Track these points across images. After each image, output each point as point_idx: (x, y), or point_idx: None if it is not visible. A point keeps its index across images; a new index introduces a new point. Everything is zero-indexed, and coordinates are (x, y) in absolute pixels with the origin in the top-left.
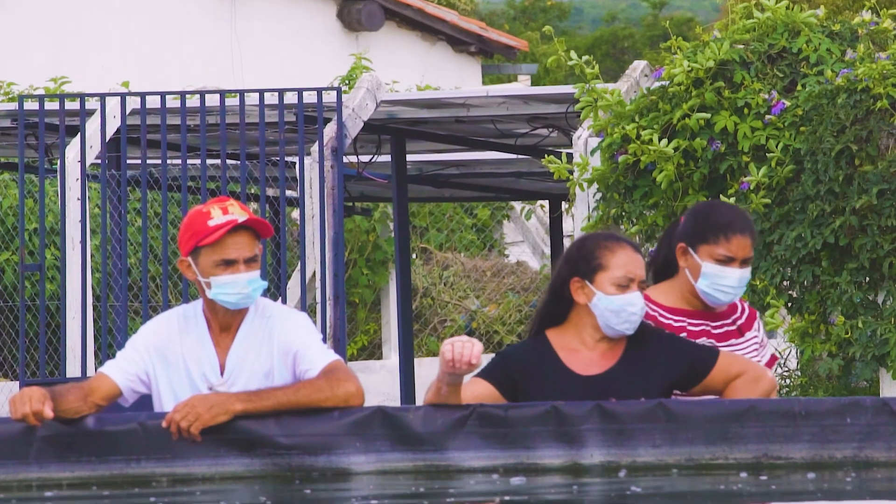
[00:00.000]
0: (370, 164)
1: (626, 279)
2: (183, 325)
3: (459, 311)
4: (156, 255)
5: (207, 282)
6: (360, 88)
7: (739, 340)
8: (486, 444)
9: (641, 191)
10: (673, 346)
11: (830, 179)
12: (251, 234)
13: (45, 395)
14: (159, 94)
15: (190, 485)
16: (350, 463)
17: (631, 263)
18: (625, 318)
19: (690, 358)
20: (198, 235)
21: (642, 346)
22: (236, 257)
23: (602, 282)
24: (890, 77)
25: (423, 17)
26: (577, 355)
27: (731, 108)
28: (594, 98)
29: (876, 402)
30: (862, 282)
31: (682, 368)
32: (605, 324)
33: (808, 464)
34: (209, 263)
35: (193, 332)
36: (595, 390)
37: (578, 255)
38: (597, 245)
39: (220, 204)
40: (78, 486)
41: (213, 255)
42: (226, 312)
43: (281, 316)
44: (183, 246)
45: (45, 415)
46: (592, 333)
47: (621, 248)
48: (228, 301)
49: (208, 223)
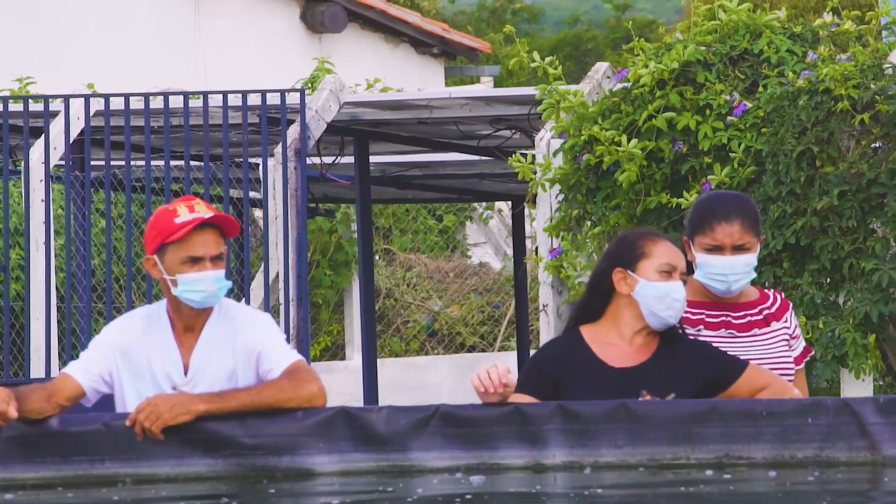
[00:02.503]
0: (333, 165)
1: (669, 266)
2: (146, 325)
3: (422, 312)
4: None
5: (173, 279)
6: (323, 90)
7: (764, 330)
8: (448, 445)
9: (604, 192)
10: (703, 351)
11: (792, 181)
12: (217, 231)
13: (9, 395)
14: (123, 96)
15: (154, 485)
16: (313, 463)
17: (673, 253)
18: (668, 305)
19: (718, 366)
20: (164, 233)
21: (674, 347)
22: (203, 254)
23: (645, 269)
24: (851, 79)
25: (386, 18)
26: (611, 349)
27: (693, 109)
28: (557, 100)
29: (837, 403)
30: (823, 283)
31: (709, 374)
32: (650, 311)
33: (769, 463)
34: (175, 261)
35: (157, 332)
36: (627, 382)
37: (620, 247)
38: (638, 237)
39: (186, 202)
40: (42, 486)
41: (180, 252)
42: (190, 312)
43: (244, 316)
44: (149, 244)
45: (10, 415)
46: (632, 325)
47: (662, 240)
48: (194, 299)
49: (175, 220)
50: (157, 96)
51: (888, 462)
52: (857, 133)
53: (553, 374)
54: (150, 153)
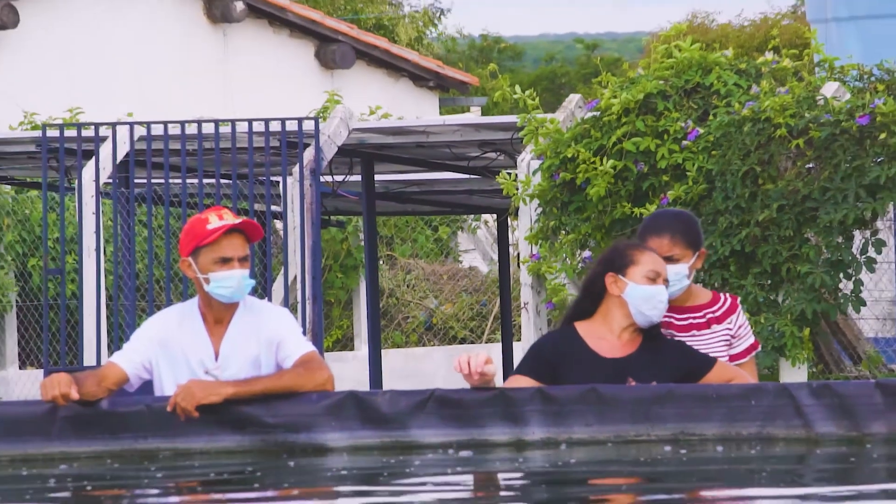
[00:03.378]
0: (343, 182)
1: (654, 272)
2: (181, 319)
3: (420, 309)
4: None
5: (206, 278)
6: (334, 118)
7: (703, 332)
8: (443, 424)
9: (576, 205)
10: (680, 348)
11: (737, 196)
12: (243, 236)
13: (70, 380)
14: (162, 124)
15: (189, 458)
16: (326, 439)
17: (658, 262)
18: (654, 305)
19: (691, 361)
20: (198, 238)
21: (656, 343)
22: (231, 255)
23: (634, 274)
24: (788, 109)
25: (388, 56)
26: (603, 342)
27: (652, 134)
28: (535, 126)
29: (776, 387)
30: (764, 284)
31: (685, 367)
32: (637, 310)
33: (718, 439)
34: (208, 261)
35: (190, 325)
36: (616, 370)
37: (612, 255)
38: (628, 246)
39: (216, 212)
40: (93, 458)
41: (212, 253)
42: (220, 306)
43: (267, 311)
44: (184, 248)
45: (72, 396)
46: (621, 322)
47: (648, 250)
48: (224, 294)
49: (207, 227)
50: (192, 123)
51: (820, 438)
52: (793, 155)
53: (552, 360)
54: (185, 172)
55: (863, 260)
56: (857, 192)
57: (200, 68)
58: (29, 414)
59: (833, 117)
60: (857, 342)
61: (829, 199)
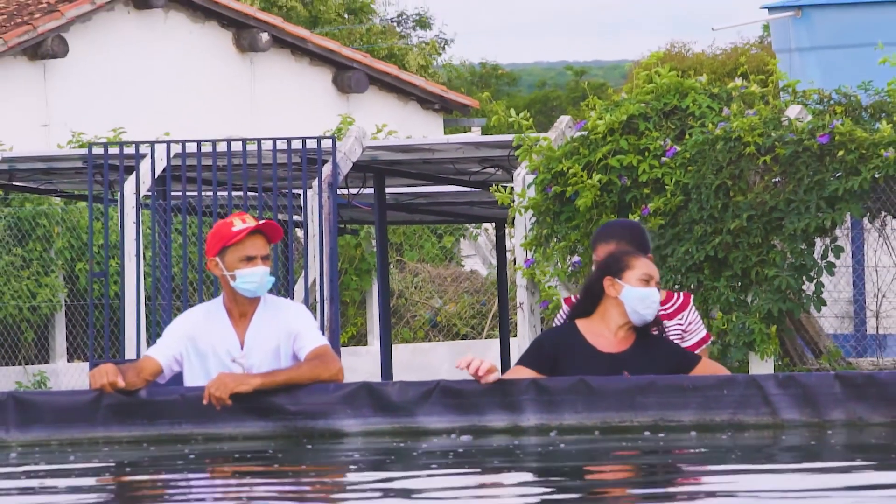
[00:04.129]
0: (357, 195)
1: (647, 276)
2: (207, 315)
3: (426, 309)
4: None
5: (232, 275)
6: (349, 137)
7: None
8: (447, 411)
9: (566, 215)
10: (670, 345)
11: (711, 207)
12: (264, 237)
13: (116, 370)
14: (196, 142)
15: (220, 442)
16: (342, 425)
17: (651, 267)
18: (647, 305)
19: (678, 358)
20: (224, 239)
21: (648, 340)
22: (255, 254)
23: (629, 278)
24: (756, 129)
25: (398, 82)
26: (601, 338)
27: (634, 151)
28: (529, 145)
29: (746, 379)
30: (735, 286)
31: (674, 362)
32: (633, 309)
33: (694, 425)
34: (234, 260)
35: (216, 319)
36: (614, 364)
37: (610, 260)
38: (624, 253)
39: (239, 216)
40: (133, 442)
41: (237, 252)
42: (244, 301)
43: (286, 306)
44: (211, 249)
45: (118, 385)
46: (617, 321)
47: (642, 257)
48: (249, 289)
49: (232, 229)
50: (222, 142)
51: (785, 424)
52: (761, 171)
53: (552, 353)
54: (216, 186)
55: (823, 264)
56: (818, 203)
57: (230, 92)
58: (76, 402)
59: (796, 136)
60: (818, 338)
61: (793, 209)
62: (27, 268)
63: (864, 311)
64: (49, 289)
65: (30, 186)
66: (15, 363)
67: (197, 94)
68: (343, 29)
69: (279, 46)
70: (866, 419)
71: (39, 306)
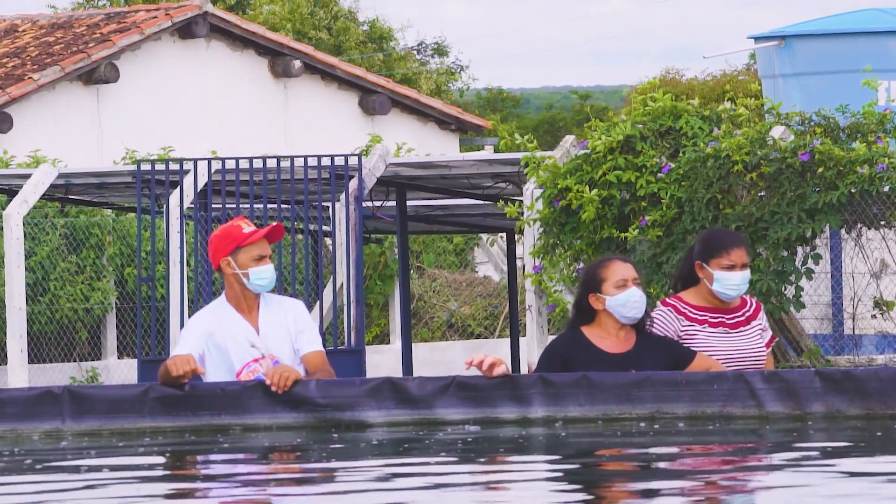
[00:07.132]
0: (381, 207)
1: (622, 280)
2: (217, 314)
3: (443, 311)
4: None
5: (245, 273)
6: (374, 154)
7: (747, 327)
8: (462, 404)
9: (570, 226)
10: (669, 343)
11: (703, 219)
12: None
13: (192, 359)
14: (235, 159)
15: (256, 432)
16: (367, 417)
17: (622, 269)
18: (631, 307)
19: (676, 354)
20: (237, 240)
21: (648, 339)
22: (265, 254)
23: (607, 288)
24: (744, 148)
25: (418, 105)
26: (605, 340)
27: (633, 168)
28: (537, 162)
29: (735, 374)
30: None
31: (673, 359)
32: (620, 315)
33: (686, 417)
34: (247, 259)
35: (227, 315)
36: (620, 363)
37: (586, 277)
38: (595, 266)
39: (241, 220)
40: (177, 432)
41: (250, 252)
42: (251, 297)
43: (285, 299)
44: (222, 250)
45: (199, 371)
46: (614, 325)
47: (612, 262)
48: (261, 285)
49: (243, 231)
50: (259, 159)
51: (770, 416)
52: (748, 186)
53: (564, 356)
54: (253, 199)
55: (803, 270)
56: (800, 215)
57: (266, 114)
58: (126, 395)
59: (780, 155)
60: (800, 338)
61: (776, 220)
62: (81, 273)
63: (842, 313)
64: (101, 292)
65: (84, 199)
66: (70, 360)
67: (236, 116)
68: (365, 57)
69: (310, 72)
70: (844, 411)
71: (92, 308)
